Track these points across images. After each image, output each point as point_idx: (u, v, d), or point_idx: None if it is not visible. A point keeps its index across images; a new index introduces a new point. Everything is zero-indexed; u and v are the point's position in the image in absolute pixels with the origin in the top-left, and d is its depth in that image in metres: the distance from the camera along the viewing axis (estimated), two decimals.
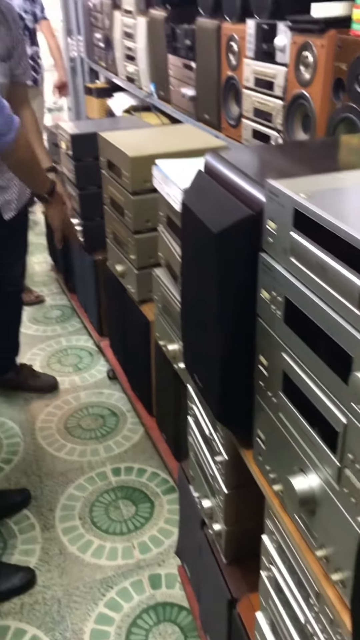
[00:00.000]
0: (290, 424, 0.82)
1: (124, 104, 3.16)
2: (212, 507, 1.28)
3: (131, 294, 2.09)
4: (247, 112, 1.99)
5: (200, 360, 1.04)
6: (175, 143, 1.93)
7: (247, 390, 0.95)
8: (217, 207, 0.88)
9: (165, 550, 1.80)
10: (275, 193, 0.76)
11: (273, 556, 0.97)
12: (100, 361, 2.70)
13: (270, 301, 0.82)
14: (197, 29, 2.21)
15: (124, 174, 1.88)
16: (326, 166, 0.92)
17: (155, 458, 2.15)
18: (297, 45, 1.62)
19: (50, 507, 1.95)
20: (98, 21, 3.44)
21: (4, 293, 2.24)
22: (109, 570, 1.75)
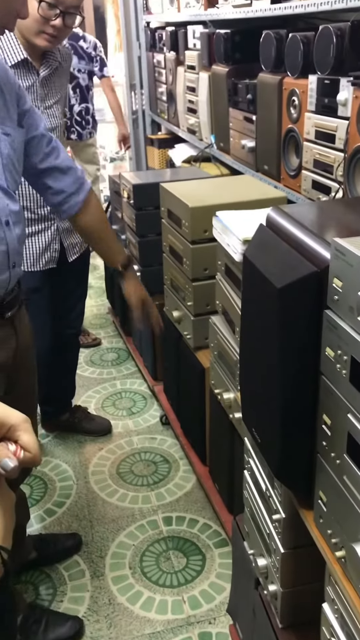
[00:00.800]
0: (354, 488, 0.79)
1: (184, 154, 3.24)
2: (268, 566, 1.23)
3: (187, 340, 2.10)
4: (307, 163, 2.01)
5: (260, 414, 1.02)
6: (235, 194, 1.96)
7: (309, 449, 0.92)
8: (281, 262, 0.89)
9: (216, 607, 1.75)
10: (342, 251, 0.76)
11: (334, 627, 0.92)
12: (154, 406, 2.70)
13: (335, 359, 0.80)
14: (259, 83, 2.27)
15: (184, 223, 1.92)
16: None
17: (207, 509, 2.10)
18: (359, 99, 1.64)
19: (101, 554, 1.93)
20: (162, 76, 3.59)
21: (62, 335, 2.30)
22: (158, 624, 1.70)
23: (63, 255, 2.13)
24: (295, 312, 0.85)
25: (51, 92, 2.00)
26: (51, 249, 2.09)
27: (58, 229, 2.09)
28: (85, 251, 2.26)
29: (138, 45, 3.83)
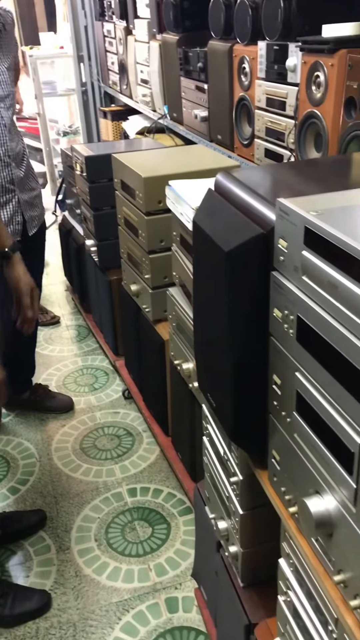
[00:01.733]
0: (305, 445, 0.81)
1: (138, 126, 3.20)
2: (228, 528, 1.26)
3: (146, 313, 2.09)
4: (259, 131, 2.01)
5: (213, 379, 1.03)
6: (188, 163, 1.94)
7: (262, 410, 0.94)
8: (228, 226, 0.89)
9: (182, 573, 1.78)
10: (285, 211, 0.76)
11: (290, 580, 0.95)
12: (116, 381, 2.70)
13: (282, 320, 0.81)
14: (209, 51, 2.24)
15: (138, 194, 1.89)
16: (337, 184, 0.92)
17: (171, 478, 2.13)
18: (307, 65, 1.63)
19: (66, 528, 1.94)
20: (112, 46, 3.50)
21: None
22: (125, 593, 1.73)
23: (24, 228, 2.09)
24: (244, 274, 0.85)
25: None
26: (14, 222, 2.05)
27: (19, 201, 2.04)
28: (42, 225, 2.22)
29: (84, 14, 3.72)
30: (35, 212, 2.15)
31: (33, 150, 5.34)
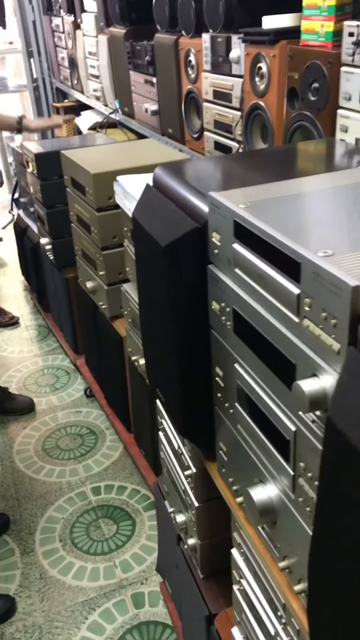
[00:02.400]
0: (247, 435, 0.82)
1: (91, 121, 3.16)
2: (186, 521, 1.26)
3: (103, 310, 2.08)
4: (208, 124, 2.01)
5: (161, 374, 1.03)
6: (138, 158, 1.93)
7: (208, 403, 0.94)
8: (165, 221, 0.88)
9: (147, 568, 1.78)
10: (217, 205, 0.76)
11: (242, 569, 0.96)
12: (77, 380, 2.68)
13: (220, 312, 0.82)
14: (156, 45, 2.23)
15: (88, 190, 1.88)
16: (271, 175, 0.93)
17: (135, 474, 2.13)
18: (250, 56, 1.64)
19: (30, 530, 1.92)
20: (62, 41, 3.46)
21: None
22: (91, 591, 1.72)
23: None
24: (182, 269, 0.85)
25: None
26: None
27: None
28: None
29: (31, 9, 3.66)
30: None
31: None
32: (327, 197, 0.76)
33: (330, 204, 0.73)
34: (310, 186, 0.81)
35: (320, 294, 0.55)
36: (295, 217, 0.68)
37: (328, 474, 0.51)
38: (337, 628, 0.56)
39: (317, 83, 1.41)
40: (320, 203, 0.74)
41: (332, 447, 0.48)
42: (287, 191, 0.79)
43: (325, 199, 0.75)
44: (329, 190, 0.79)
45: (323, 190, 0.79)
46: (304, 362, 0.61)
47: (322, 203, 0.74)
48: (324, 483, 0.52)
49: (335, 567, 0.53)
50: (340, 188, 0.79)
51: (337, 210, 0.71)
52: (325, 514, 0.54)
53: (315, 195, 0.77)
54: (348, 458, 0.45)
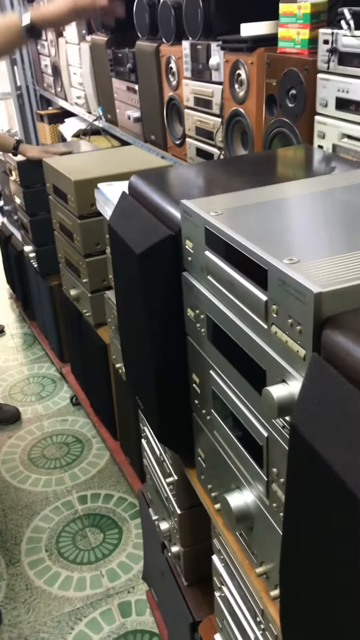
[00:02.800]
0: (223, 441, 0.82)
1: (74, 128, 3.17)
2: (170, 529, 1.26)
3: (87, 318, 2.07)
4: (190, 130, 2.02)
5: (140, 381, 1.03)
6: (120, 165, 1.93)
7: (186, 410, 0.94)
8: (140, 228, 0.88)
9: (134, 576, 1.77)
10: (188, 212, 0.76)
11: (223, 576, 0.95)
12: (63, 388, 2.67)
13: (195, 319, 0.82)
14: (137, 52, 2.24)
15: (70, 198, 1.88)
16: (245, 183, 0.93)
17: (122, 482, 2.12)
18: (229, 63, 1.65)
19: (16, 541, 1.91)
20: (44, 49, 3.46)
21: None
22: (77, 601, 1.71)
23: None
24: (156, 276, 0.85)
25: None
26: None
27: None
28: None
29: None
30: None
31: None
32: (300, 204, 0.76)
33: (301, 211, 0.74)
34: (284, 193, 0.81)
35: (286, 301, 0.55)
36: (265, 225, 0.68)
37: (294, 479, 0.51)
38: (309, 632, 0.56)
39: (294, 90, 1.42)
40: (292, 210, 0.74)
41: (296, 452, 0.49)
42: (261, 198, 0.80)
43: (297, 206, 0.76)
44: (302, 197, 0.79)
45: (296, 197, 0.79)
46: (273, 368, 0.61)
47: (294, 210, 0.74)
48: (290, 488, 0.52)
49: (304, 572, 0.53)
50: (314, 195, 0.80)
51: (308, 217, 0.71)
52: (293, 518, 0.54)
53: (288, 202, 0.77)
54: (311, 463, 0.45)
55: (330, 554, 0.47)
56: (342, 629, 0.48)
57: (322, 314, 0.51)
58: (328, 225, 0.68)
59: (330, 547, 0.47)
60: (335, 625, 0.49)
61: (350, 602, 0.45)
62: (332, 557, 0.47)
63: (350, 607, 0.45)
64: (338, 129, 1.31)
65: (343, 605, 0.46)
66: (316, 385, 0.47)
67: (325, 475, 0.44)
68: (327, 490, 0.45)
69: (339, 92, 1.29)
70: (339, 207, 0.74)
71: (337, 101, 1.30)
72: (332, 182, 0.84)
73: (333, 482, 0.43)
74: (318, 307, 0.50)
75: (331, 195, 0.78)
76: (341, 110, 1.30)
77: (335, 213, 0.72)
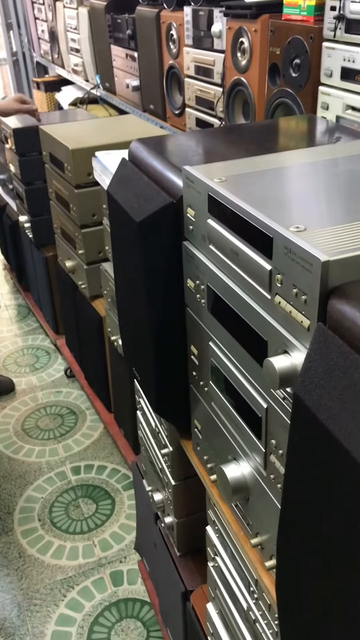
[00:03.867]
0: (221, 413, 0.81)
1: (71, 97, 3.10)
2: (163, 500, 1.26)
3: (82, 290, 2.06)
4: (190, 100, 1.98)
5: (137, 352, 1.02)
6: (118, 134, 1.89)
7: (183, 381, 0.94)
8: (140, 196, 0.86)
9: (126, 547, 1.79)
10: (191, 179, 0.75)
11: (217, 547, 0.96)
12: (57, 360, 2.66)
13: (195, 290, 0.81)
14: (137, 18, 2.18)
15: (66, 167, 1.84)
16: (248, 150, 0.91)
17: (115, 454, 2.13)
18: (232, 31, 1.61)
19: (8, 510, 1.92)
20: (42, 13, 3.37)
21: None
22: (69, 570, 1.73)
23: None
24: (156, 245, 0.84)
25: None
26: None
27: None
28: None
29: None
30: None
31: None
32: (304, 172, 0.75)
33: (306, 179, 0.72)
34: (288, 161, 0.79)
35: (292, 270, 0.54)
36: (270, 193, 0.67)
37: (295, 449, 0.51)
38: (305, 602, 0.56)
39: (298, 59, 1.39)
40: (297, 178, 0.73)
41: (299, 422, 0.48)
42: (264, 166, 0.78)
43: (302, 175, 0.74)
44: (306, 165, 0.77)
45: (300, 165, 0.77)
46: (275, 339, 0.60)
47: (299, 178, 0.73)
48: (291, 458, 0.52)
49: (302, 542, 0.53)
50: (318, 163, 0.78)
51: (313, 185, 0.69)
52: (293, 489, 0.53)
53: (292, 171, 0.75)
54: (314, 433, 0.45)
55: (331, 524, 0.47)
56: (342, 599, 0.48)
57: (328, 284, 0.50)
58: (334, 195, 0.66)
59: (331, 517, 0.46)
60: (334, 595, 0.49)
61: (351, 572, 0.45)
62: (332, 527, 0.47)
63: (351, 576, 0.45)
64: (342, 100, 1.29)
65: (343, 574, 0.46)
66: (321, 355, 0.46)
67: (329, 445, 0.44)
68: (331, 460, 0.44)
69: (344, 61, 1.26)
70: (344, 176, 0.72)
71: (342, 71, 1.27)
72: (338, 152, 0.82)
73: (337, 452, 0.43)
74: (325, 276, 0.49)
75: (337, 165, 0.77)
76: (346, 81, 1.27)
77: (341, 182, 0.70)
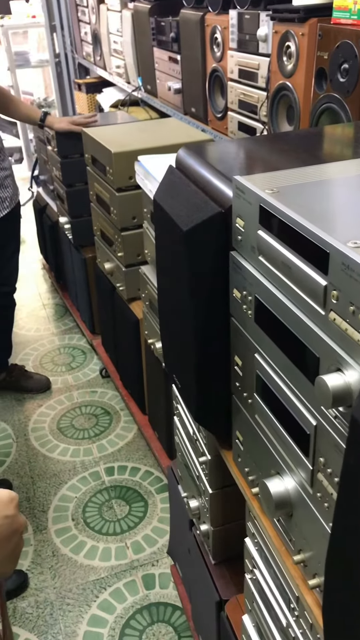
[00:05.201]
0: (265, 426, 0.80)
1: (112, 98, 3.12)
2: (199, 507, 1.26)
3: (120, 292, 2.07)
4: (232, 104, 1.96)
5: (178, 360, 1.02)
6: (160, 138, 1.90)
7: (225, 391, 0.93)
8: (187, 204, 0.86)
9: (158, 550, 1.79)
10: (242, 189, 0.74)
11: (255, 559, 0.95)
12: (93, 360, 2.68)
13: (241, 301, 0.80)
14: (181, 21, 2.18)
15: (108, 170, 1.85)
16: (299, 160, 0.90)
17: (148, 456, 2.13)
18: (278, 34, 1.59)
19: (43, 508, 1.94)
20: (85, 16, 3.40)
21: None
22: (102, 571, 1.74)
23: None
24: (202, 254, 0.83)
25: None
26: None
27: None
28: (16, 206, 2.17)
29: None
30: (6, 194, 2.09)
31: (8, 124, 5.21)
32: (357, 184, 0.73)
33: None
34: (339, 172, 0.78)
35: (349, 287, 0.53)
36: (324, 205, 0.65)
37: (350, 472, 0.49)
38: (354, 627, 0.55)
39: (347, 64, 1.36)
40: (350, 190, 0.71)
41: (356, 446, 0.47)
42: (315, 177, 0.76)
43: (355, 187, 0.72)
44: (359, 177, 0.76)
45: (352, 177, 0.76)
46: (328, 356, 0.59)
47: (352, 191, 0.71)
48: (346, 481, 0.51)
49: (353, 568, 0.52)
50: None
51: None
52: (346, 512, 0.52)
53: (345, 182, 0.74)
54: None
55: None
56: None
57: None
58: None
59: None
60: None
61: None
62: None
63: None
64: None
65: None
66: None
67: None
68: None
69: None
70: None
71: None
72: None
73: None
74: None
75: None
76: None
77: None
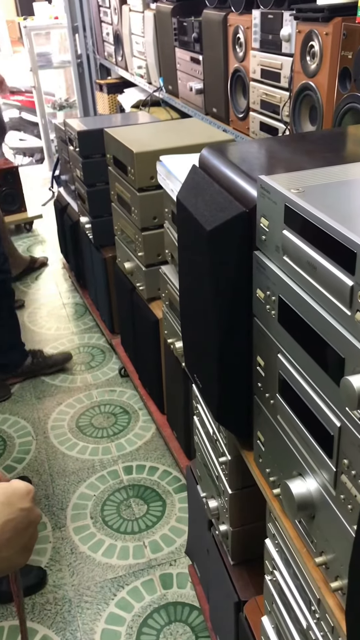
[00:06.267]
0: (288, 427, 0.80)
1: (134, 99, 3.13)
2: (218, 507, 1.26)
3: (140, 291, 2.07)
4: (254, 104, 1.96)
5: (199, 360, 1.02)
6: (182, 138, 1.90)
7: (247, 391, 0.93)
8: (211, 204, 0.86)
9: (176, 550, 1.79)
10: (266, 189, 0.74)
11: (276, 560, 0.94)
12: (112, 359, 2.70)
13: (264, 301, 0.79)
14: (204, 21, 2.18)
15: (130, 170, 1.86)
16: (324, 160, 0.89)
17: (167, 456, 2.14)
18: (302, 34, 1.58)
19: (62, 506, 1.95)
20: (107, 16, 3.42)
21: None
22: (120, 569, 1.74)
23: None
24: (226, 254, 0.83)
25: None
26: None
27: None
28: None
29: None
30: None
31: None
32: None
33: None
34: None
35: None
36: (351, 205, 0.65)
37: None
38: None
39: None
40: None
41: None
42: (342, 176, 0.76)
43: None
44: None
45: None
46: (353, 356, 0.58)
47: None
48: None
49: None
50: None
51: None
52: None
53: None
54: None
55: None
56: None
57: None
58: None
59: None
60: None
61: None
62: None
63: None
64: None
65: None
66: None
67: None
68: None
69: None
70: None
71: None
72: None
73: None
74: None
75: None
76: None
77: None
